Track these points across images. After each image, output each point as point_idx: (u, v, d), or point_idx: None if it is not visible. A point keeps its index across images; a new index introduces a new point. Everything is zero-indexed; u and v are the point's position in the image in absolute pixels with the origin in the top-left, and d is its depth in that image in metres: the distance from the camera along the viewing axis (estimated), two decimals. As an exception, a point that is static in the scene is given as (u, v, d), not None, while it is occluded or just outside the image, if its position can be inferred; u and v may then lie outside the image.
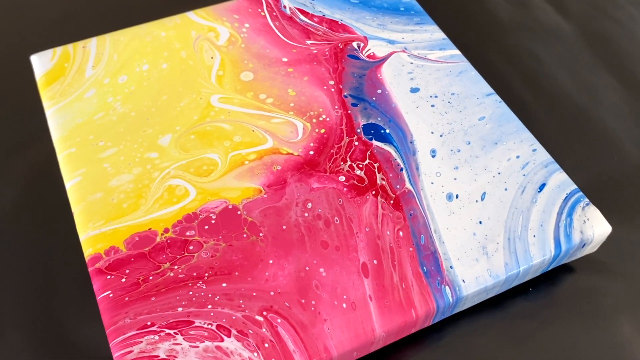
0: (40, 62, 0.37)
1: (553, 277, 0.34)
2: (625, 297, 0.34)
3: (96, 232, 0.30)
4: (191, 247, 0.30)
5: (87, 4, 0.47)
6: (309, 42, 0.39)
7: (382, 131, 0.35)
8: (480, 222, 0.31)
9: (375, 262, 0.30)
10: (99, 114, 0.34)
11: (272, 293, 0.28)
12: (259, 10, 0.40)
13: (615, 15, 0.48)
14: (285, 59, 0.38)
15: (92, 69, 0.37)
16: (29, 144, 0.38)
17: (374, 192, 0.32)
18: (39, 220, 0.35)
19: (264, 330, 0.27)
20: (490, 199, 0.32)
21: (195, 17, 0.40)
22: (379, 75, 0.37)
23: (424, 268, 0.30)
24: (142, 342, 0.27)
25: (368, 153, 0.34)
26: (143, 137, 0.34)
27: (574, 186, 0.33)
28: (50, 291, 0.33)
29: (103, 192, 0.31)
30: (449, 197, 0.32)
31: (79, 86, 0.36)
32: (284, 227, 0.31)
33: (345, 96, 0.36)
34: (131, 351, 0.27)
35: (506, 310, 0.33)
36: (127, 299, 0.28)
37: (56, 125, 0.34)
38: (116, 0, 0.48)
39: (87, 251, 0.29)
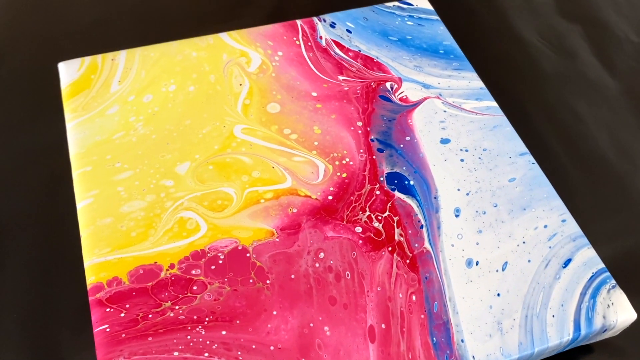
0: (68, 71, 0.36)
1: (569, 356, 0.32)
2: (644, 387, 0.32)
3: (101, 259, 0.29)
4: (195, 288, 0.29)
5: (123, 12, 0.47)
6: (341, 77, 0.37)
7: (406, 182, 0.33)
8: (498, 295, 0.30)
9: (383, 326, 0.28)
10: (119, 133, 0.34)
11: (272, 348, 0.27)
12: (294, 38, 0.39)
13: (665, 75, 0.46)
14: (314, 94, 0.36)
15: (118, 84, 0.36)
16: (48, 153, 0.38)
17: (390, 249, 0.31)
18: (47, 234, 0.35)
19: (259, 387, 0.26)
20: (511, 269, 0.31)
21: (228, 39, 0.39)
22: (409, 120, 0.36)
23: (434, 339, 0.28)
24: (133, 384, 0.26)
25: (389, 205, 0.32)
26: (161, 162, 0.33)
27: (602, 265, 0.31)
28: (51, 312, 0.32)
29: (113, 217, 0.31)
30: (469, 263, 0.31)
31: (103, 101, 0.35)
32: (293, 276, 0.29)
33: (372, 140, 0.35)
34: (121, 393, 0.26)
35: (515, 386, 0.31)
36: (123, 335, 0.27)
37: (75, 140, 0.33)
38: (152, 10, 0.47)
39: (90, 279, 0.29)
